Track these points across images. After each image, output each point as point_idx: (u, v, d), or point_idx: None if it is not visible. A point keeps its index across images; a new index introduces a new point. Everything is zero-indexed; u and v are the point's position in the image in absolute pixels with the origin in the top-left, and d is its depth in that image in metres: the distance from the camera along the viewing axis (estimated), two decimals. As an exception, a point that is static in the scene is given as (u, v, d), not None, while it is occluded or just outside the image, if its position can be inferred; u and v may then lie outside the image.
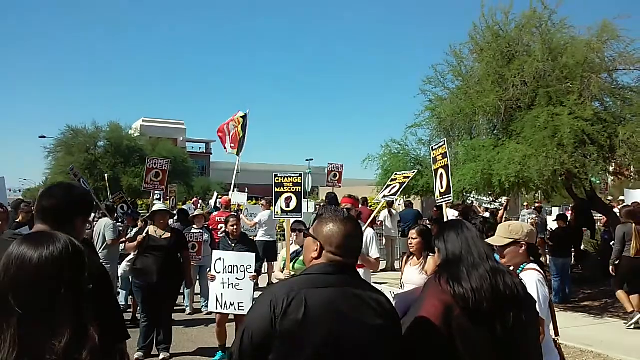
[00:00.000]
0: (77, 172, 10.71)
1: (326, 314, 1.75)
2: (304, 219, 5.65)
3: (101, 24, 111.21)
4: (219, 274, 5.69)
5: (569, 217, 11.07)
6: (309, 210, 12.93)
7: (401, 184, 6.47)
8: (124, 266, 7.86)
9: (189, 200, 19.86)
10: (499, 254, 2.88)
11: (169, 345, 6.14)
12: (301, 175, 5.60)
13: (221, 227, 8.43)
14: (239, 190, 13.11)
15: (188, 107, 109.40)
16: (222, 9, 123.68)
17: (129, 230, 8.19)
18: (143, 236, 6.16)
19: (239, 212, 10.45)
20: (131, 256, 6.89)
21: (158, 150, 28.93)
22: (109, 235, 7.58)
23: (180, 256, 6.29)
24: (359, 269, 4.78)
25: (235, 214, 6.89)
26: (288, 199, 5.46)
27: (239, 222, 6.50)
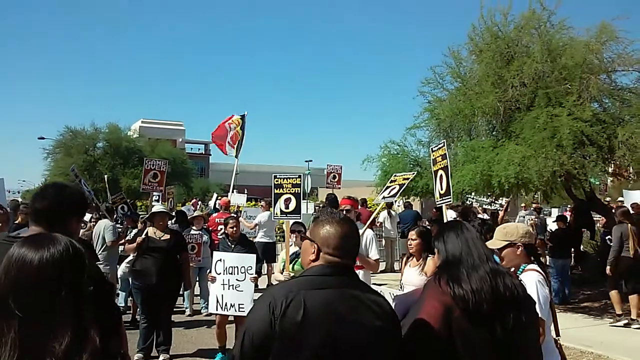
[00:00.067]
0: (77, 173, 10.69)
1: (324, 315, 1.76)
2: (303, 220, 5.63)
3: (101, 24, 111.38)
4: (219, 275, 5.68)
5: (568, 218, 11.08)
6: (308, 212, 12.91)
7: (400, 185, 6.45)
8: (123, 267, 7.84)
9: (188, 201, 19.83)
10: (498, 256, 2.88)
11: (169, 347, 6.13)
12: (300, 177, 5.58)
13: (221, 228, 8.42)
14: (238, 192, 13.14)
15: (187, 107, 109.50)
16: (222, 9, 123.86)
17: (129, 232, 8.17)
18: (142, 237, 6.15)
19: (238, 213, 10.45)
20: (130, 257, 6.88)
21: (157, 152, 28.94)
22: (108, 236, 7.57)
23: (179, 258, 6.29)
24: (359, 271, 4.80)
25: (234, 216, 6.88)
26: (287, 200, 5.45)
27: (238, 223, 6.50)
